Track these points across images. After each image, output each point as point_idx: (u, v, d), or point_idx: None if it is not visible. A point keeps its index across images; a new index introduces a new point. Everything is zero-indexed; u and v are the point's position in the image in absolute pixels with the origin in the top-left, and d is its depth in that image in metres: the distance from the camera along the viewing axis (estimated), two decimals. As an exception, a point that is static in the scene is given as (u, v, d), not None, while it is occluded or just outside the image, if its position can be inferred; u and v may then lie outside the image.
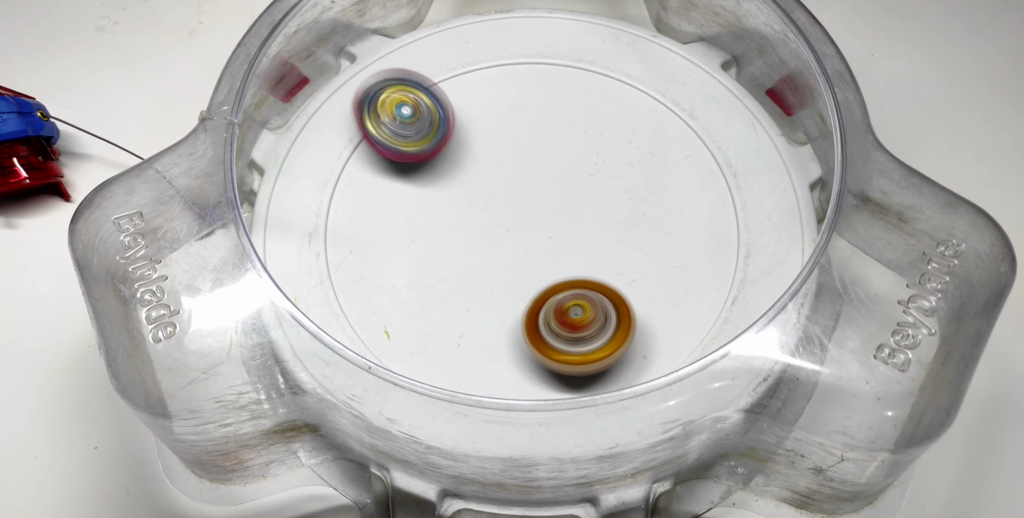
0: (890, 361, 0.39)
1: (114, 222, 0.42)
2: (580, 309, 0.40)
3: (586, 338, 0.40)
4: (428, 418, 0.39)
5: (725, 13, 0.51)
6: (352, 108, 0.47)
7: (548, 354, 0.41)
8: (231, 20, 0.61)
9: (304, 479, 0.46)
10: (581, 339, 0.40)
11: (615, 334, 0.41)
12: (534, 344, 0.41)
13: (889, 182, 0.43)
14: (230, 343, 0.40)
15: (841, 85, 0.45)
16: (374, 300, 0.44)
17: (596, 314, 0.40)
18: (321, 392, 0.40)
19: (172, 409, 0.39)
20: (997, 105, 0.58)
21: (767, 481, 0.44)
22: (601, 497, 0.41)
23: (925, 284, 0.41)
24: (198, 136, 0.44)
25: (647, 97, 0.50)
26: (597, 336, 0.41)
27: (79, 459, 0.48)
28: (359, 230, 0.46)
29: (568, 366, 0.41)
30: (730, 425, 0.40)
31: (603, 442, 0.39)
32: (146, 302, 0.40)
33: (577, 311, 0.40)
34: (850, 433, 0.39)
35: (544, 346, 0.41)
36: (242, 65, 0.46)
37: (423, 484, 0.41)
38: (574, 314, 0.40)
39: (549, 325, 0.41)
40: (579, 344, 0.40)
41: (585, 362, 0.40)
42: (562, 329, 0.40)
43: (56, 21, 0.62)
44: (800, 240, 0.45)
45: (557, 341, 0.41)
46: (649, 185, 0.47)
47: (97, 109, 0.57)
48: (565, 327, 0.40)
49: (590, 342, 0.40)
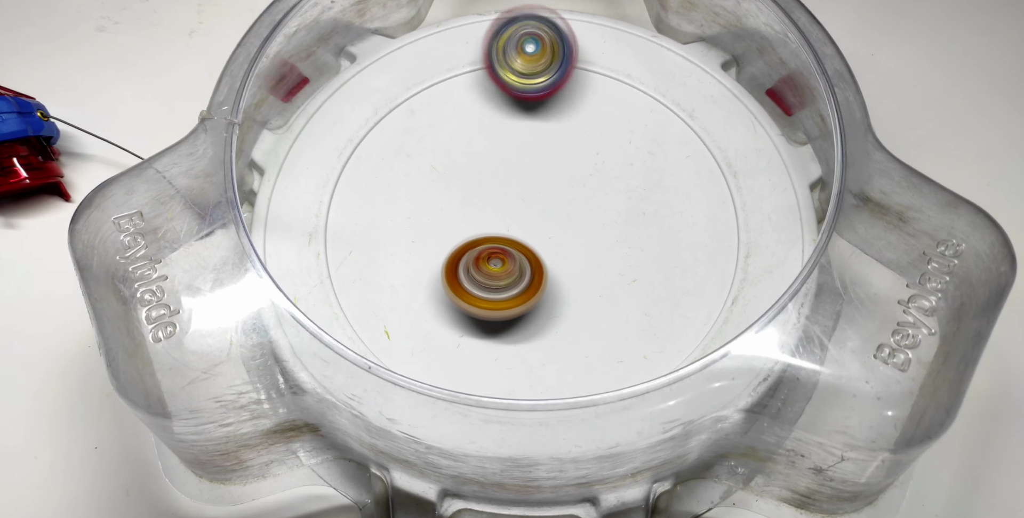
0: (890, 361, 0.39)
1: (114, 222, 0.42)
2: (499, 261, 0.43)
3: (500, 288, 0.43)
4: (428, 418, 0.39)
5: (725, 13, 0.51)
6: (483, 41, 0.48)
7: (462, 297, 0.43)
8: (231, 20, 0.61)
9: (304, 479, 0.46)
10: (496, 288, 0.43)
11: (527, 288, 0.43)
12: (451, 287, 0.43)
13: (889, 182, 0.43)
14: (230, 343, 0.40)
15: (841, 85, 0.45)
16: (374, 300, 0.44)
17: (513, 268, 0.43)
18: (321, 392, 0.40)
19: (172, 409, 0.39)
20: (997, 105, 0.58)
21: (767, 481, 0.44)
22: (601, 497, 0.41)
23: (925, 284, 0.41)
24: (198, 136, 0.44)
25: (647, 97, 0.50)
26: (512, 287, 0.43)
27: (79, 459, 0.48)
28: (359, 230, 0.46)
29: (479, 310, 0.43)
30: (730, 425, 0.40)
31: (603, 442, 0.39)
32: (146, 302, 0.40)
33: (496, 263, 0.43)
34: (850, 433, 0.39)
35: (460, 290, 0.43)
36: (242, 65, 0.46)
37: (423, 484, 0.41)
38: (494, 265, 0.43)
39: (469, 271, 0.43)
40: (493, 292, 0.43)
41: (496, 308, 0.42)
42: (480, 276, 0.43)
43: (56, 21, 0.62)
44: (800, 240, 0.45)
45: (473, 286, 0.43)
46: (649, 185, 0.47)
47: (97, 109, 0.57)
48: (483, 275, 0.43)
49: (504, 291, 0.43)
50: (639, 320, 0.44)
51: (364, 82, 0.50)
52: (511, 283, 0.43)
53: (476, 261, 0.43)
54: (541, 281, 0.43)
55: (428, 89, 0.50)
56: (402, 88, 0.50)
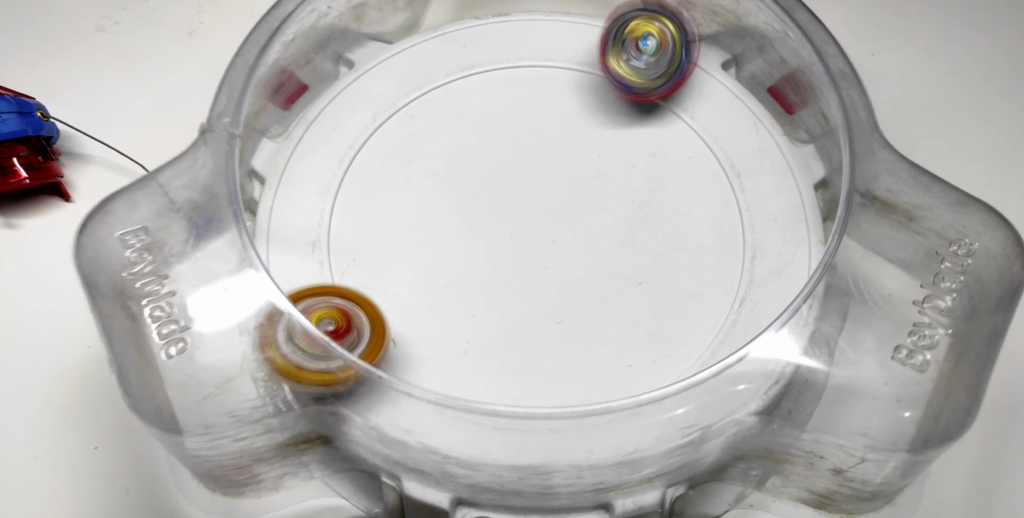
0: (908, 362, 0.39)
1: (119, 238, 0.41)
2: (331, 321, 0.38)
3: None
4: (445, 428, 0.39)
5: (724, 12, 0.50)
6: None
7: (299, 376, 0.38)
8: (231, 20, 0.60)
9: (317, 491, 0.46)
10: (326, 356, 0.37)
11: (370, 342, 0.39)
12: (281, 370, 0.38)
13: (896, 180, 0.43)
14: (242, 357, 0.39)
15: (845, 83, 0.45)
16: (379, 308, 0.44)
17: (349, 323, 0.38)
18: (333, 404, 0.39)
19: (186, 425, 0.38)
20: (997, 105, 0.58)
21: (785, 482, 0.44)
22: (617, 503, 0.41)
23: (939, 284, 0.41)
24: (198, 148, 0.43)
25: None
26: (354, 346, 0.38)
27: (79, 459, 0.47)
28: (362, 238, 0.46)
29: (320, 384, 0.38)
30: (746, 428, 0.40)
31: (622, 448, 0.38)
32: (156, 318, 0.40)
33: (328, 324, 0.38)
34: (870, 434, 0.39)
35: (292, 369, 0.38)
36: (240, 74, 0.45)
37: (436, 493, 0.41)
38: (325, 326, 0.38)
39: (293, 340, 0.37)
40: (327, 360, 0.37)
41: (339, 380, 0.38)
42: (308, 345, 0.37)
43: (56, 21, 0.61)
44: (807, 240, 0.45)
45: (304, 358, 0.38)
46: (652, 187, 0.47)
47: (97, 109, 0.57)
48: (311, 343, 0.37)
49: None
50: (647, 324, 0.44)
51: (363, 88, 0.50)
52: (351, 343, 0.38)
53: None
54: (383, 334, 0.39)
55: (427, 94, 0.50)
56: (401, 93, 0.50)
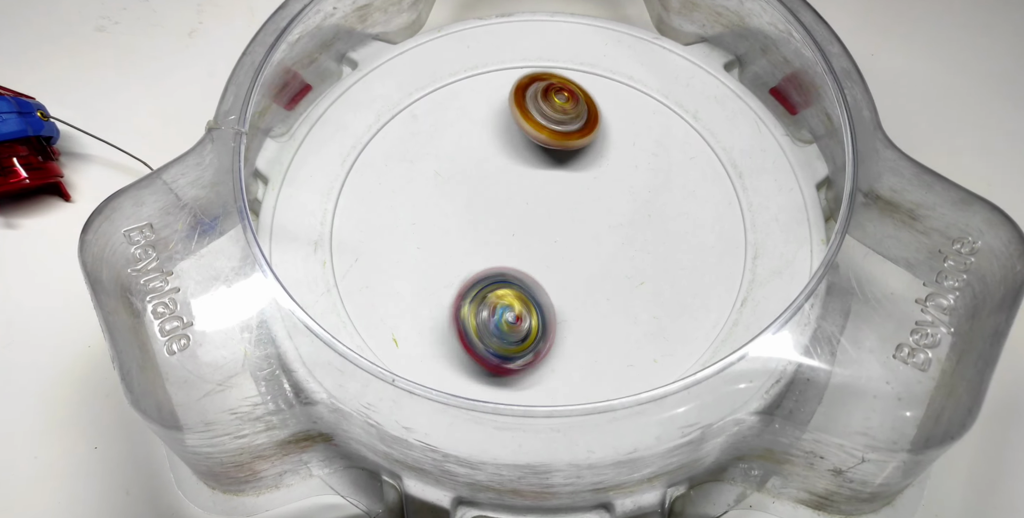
0: (910, 361, 0.39)
1: (124, 234, 0.41)
2: (565, 96, 0.47)
3: (564, 121, 0.47)
4: (445, 426, 0.39)
5: (727, 13, 0.50)
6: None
7: (532, 124, 0.47)
8: (231, 20, 0.61)
9: (317, 489, 0.46)
10: (560, 120, 0.47)
11: (585, 125, 0.47)
12: (520, 111, 0.47)
13: (900, 180, 0.43)
14: (244, 354, 0.40)
15: (848, 83, 0.45)
16: (381, 307, 0.44)
17: (577, 104, 0.47)
18: (335, 402, 0.40)
19: (187, 422, 0.39)
20: (997, 105, 0.58)
21: (784, 483, 0.43)
22: (616, 502, 0.41)
23: (942, 282, 0.41)
24: (205, 146, 0.44)
25: (650, 99, 0.50)
26: (573, 121, 0.47)
27: (79, 459, 0.47)
28: (364, 237, 0.46)
29: (546, 137, 0.47)
30: (747, 427, 0.40)
31: (621, 447, 0.38)
32: (159, 315, 0.40)
33: (563, 96, 0.47)
34: (871, 434, 0.39)
35: (528, 115, 0.47)
36: (248, 73, 0.45)
37: (437, 492, 0.41)
38: (560, 98, 0.47)
39: (537, 99, 0.47)
40: (558, 123, 0.47)
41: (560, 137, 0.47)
42: (548, 108, 0.47)
43: (56, 21, 0.61)
44: (808, 240, 0.45)
45: (540, 117, 0.47)
46: (654, 187, 0.47)
47: (97, 109, 0.57)
48: (551, 107, 0.47)
49: (567, 124, 0.47)
50: (648, 323, 0.44)
51: (366, 88, 0.50)
52: (574, 117, 0.47)
53: (544, 93, 0.47)
54: (596, 121, 0.48)
55: (430, 94, 0.50)
56: (404, 94, 0.50)
